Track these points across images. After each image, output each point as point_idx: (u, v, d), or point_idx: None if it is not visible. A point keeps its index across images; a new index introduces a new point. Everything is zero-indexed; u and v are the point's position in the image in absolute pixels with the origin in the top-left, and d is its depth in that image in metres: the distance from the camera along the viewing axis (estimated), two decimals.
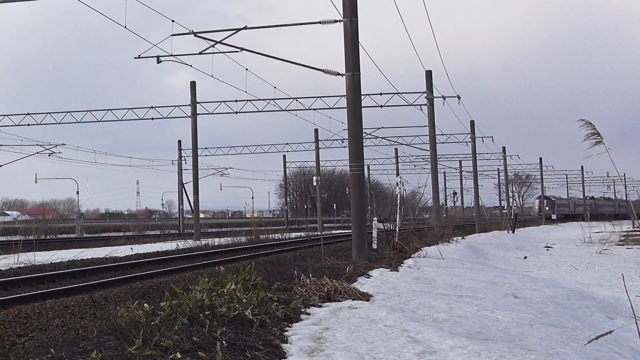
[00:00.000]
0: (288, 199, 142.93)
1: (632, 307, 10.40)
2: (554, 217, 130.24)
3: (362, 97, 27.60)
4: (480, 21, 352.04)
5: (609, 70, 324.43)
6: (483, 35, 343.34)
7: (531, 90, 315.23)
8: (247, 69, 47.23)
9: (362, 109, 27.24)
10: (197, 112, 61.44)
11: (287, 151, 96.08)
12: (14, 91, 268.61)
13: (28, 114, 63.49)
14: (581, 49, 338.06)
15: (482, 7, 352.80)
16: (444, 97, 58.81)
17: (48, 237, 63.07)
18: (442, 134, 71.60)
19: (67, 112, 63.76)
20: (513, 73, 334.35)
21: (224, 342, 8.75)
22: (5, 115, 63.91)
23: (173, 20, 32.93)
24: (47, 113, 63.69)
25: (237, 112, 61.47)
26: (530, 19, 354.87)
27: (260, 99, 58.94)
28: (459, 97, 59.94)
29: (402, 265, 24.44)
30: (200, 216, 68.36)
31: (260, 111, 61.26)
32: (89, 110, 64.02)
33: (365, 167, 56.69)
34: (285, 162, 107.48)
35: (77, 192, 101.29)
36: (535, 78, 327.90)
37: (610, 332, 9.49)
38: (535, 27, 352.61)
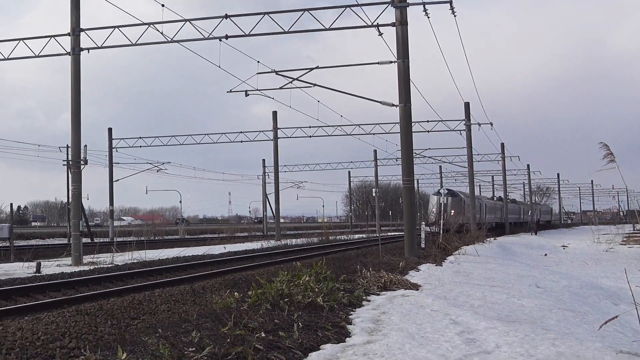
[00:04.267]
0: (352, 207, 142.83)
1: (632, 295, 10.43)
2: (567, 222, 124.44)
3: (412, 124, 27.74)
4: (509, 62, 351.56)
5: (613, 98, 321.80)
6: (511, 73, 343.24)
7: (550, 117, 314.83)
8: (318, 101, 47.56)
9: (412, 133, 27.44)
10: (278, 136, 62.58)
11: (352, 168, 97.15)
12: (129, 120, 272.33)
13: (140, 137, 64.94)
14: (590, 83, 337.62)
15: (510, 51, 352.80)
16: (479, 124, 59.31)
17: (156, 238, 63.72)
18: (478, 154, 71.51)
19: (172, 136, 65.27)
20: (535, 104, 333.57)
21: (300, 323, 8.77)
22: (122, 139, 65.39)
23: (258, 61, 33.44)
24: (156, 137, 65.12)
25: (310, 136, 62.12)
26: (548, 61, 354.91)
27: (329, 125, 59.61)
28: (491, 124, 60.30)
29: (445, 261, 24.56)
30: (280, 221, 68.72)
31: (329, 135, 61.92)
32: (190, 135, 65.53)
33: (415, 181, 57.01)
34: (350, 177, 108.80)
35: (180, 202, 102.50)
36: (553, 107, 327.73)
37: (616, 316, 9.82)
38: (553, 67, 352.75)
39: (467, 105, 58.35)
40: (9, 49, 31.35)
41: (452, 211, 66.51)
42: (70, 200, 39.35)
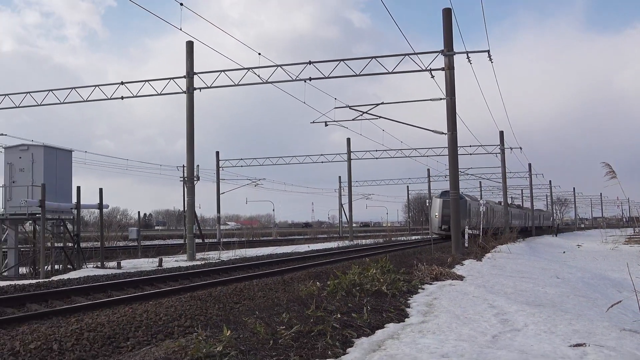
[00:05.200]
0: (410, 214, 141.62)
1: (633, 284, 10.65)
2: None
3: (458, 148, 27.87)
4: (535, 98, 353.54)
5: (616, 125, 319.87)
6: (536, 107, 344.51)
7: (567, 141, 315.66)
8: (383, 130, 47.90)
9: (458, 155, 27.95)
10: (351, 158, 63.60)
11: (409, 183, 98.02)
12: (232, 144, 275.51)
13: (241, 159, 66.37)
14: (598, 114, 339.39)
15: (536, 89, 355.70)
16: (511, 148, 60.25)
17: (254, 239, 64.37)
18: (510, 172, 71.52)
19: (266, 157, 66.23)
20: (556, 130, 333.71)
21: (368, 307, 8.75)
22: (226, 160, 66.79)
23: (335, 98, 33.91)
24: (253, 158, 66.37)
25: (376, 158, 62.72)
26: (566, 97, 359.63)
27: (392, 149, 60.09)
28: (521, 148, 61.85)
29: (484, 257, 24.74)
30: (352, 225, 69.03)
31: (391, 157, 62.03)
32: (281, 157, 66.21)
33: (460, 194, 56.96)
34: (408, 190, 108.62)
35: (273, 210, 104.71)
36: (570, 133, 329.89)
37: (620, 301, 10.00)
38: (569, 102, 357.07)
39: (501, 133, 59.04)
40: (137, 88, 32.16)
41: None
42: (185, 208, 40.02)
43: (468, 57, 27.84)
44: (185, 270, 20.79)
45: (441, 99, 27.62)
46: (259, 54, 29.49)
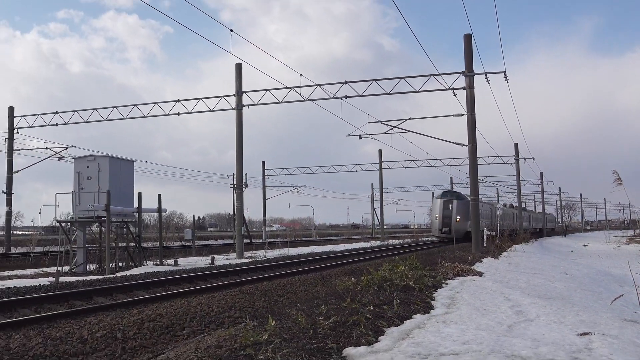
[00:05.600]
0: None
1: (633, 279, 10.78)
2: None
3: (477, 158, 28.02)
4: (546, 112, 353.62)
5: (618, 137, 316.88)
6: (547, 120, 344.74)
7: (575, 151, 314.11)
8: (411, 142, 47.84)
9: (477, 165, 28.38)
10: (382, 167, 63.87)
11: (434, 189, 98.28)
12: (276, 155, 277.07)
13: (284, 168, 67.03)
14: (602, 127, 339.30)
15: (547, 104, 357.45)
16: (524, 159, 60.85)
17: (296, 239, 64.62)
18: (524, 180, 71.56)
19: (307, 167, 66.73)
20: (565, 142, 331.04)
21: (398, 300, 8.79)
22: (271, 169, 67.46)
23: (368, 114, 34.51)
24: (295, 167, 66.84)
25: (405, 167, 62.71)
26: (573, 111, 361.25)
27: (418, 159, 60.70)
28: (533, 158, 62.45)
29: (500, 255, 24.77)
30: (384, 227, 68.95)
31: (418, 167, 62.25)
32: (320, 166, 66.90)
33: (479, 199, 56.70)
34: (433, 196, 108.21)
35: (313, 213, 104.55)
36: (577, 144, 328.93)
37: (622, 295, 10.27)
38: (576, 116, 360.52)
39: (516, 145, 59.25)
40: (191, 105, 32.59)
41: (458, 217, 43.67)
42: (235, 212, 40.33)
43: (486, 78, 27.96)
44: (234, 267, 20.96)
45: (462, 114, 27.80)
46: (300, 74, 29.84)
